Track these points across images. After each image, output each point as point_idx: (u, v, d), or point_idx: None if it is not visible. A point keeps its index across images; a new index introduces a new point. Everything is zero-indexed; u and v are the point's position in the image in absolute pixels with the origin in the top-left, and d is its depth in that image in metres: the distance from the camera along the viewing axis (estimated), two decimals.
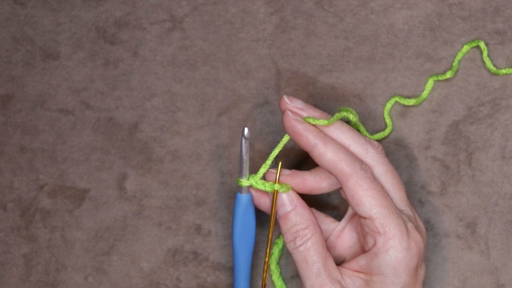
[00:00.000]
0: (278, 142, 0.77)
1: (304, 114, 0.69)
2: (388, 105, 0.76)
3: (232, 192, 0.75)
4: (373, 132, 0.77)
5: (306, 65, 0.78)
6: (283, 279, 0.76)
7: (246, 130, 0.67)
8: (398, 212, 0.67)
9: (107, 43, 0.79)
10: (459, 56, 0.76)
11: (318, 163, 0.68)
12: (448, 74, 0.76)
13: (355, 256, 0.70)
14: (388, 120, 0.76)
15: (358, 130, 0.73)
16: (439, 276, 0.76)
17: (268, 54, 0.78)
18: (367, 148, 0.69)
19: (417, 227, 0.68)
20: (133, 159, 0.78)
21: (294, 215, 0.69)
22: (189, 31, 0.78)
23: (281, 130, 0.77)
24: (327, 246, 0.72)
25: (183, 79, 0.78)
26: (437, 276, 0.76)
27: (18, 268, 0.77)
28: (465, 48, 0.76)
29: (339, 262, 0.72)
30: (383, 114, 0.76)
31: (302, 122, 0.68)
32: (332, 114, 0.70)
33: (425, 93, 0.76)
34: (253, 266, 0.77)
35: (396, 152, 0.77)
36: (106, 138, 0.78)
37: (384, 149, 0.71)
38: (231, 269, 0.77)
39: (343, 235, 0.72)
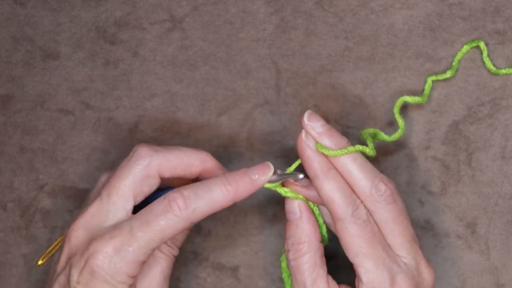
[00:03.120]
0: (278, 142, 0.77)
1: (320, 139, 0.67)
2: (397, 106, 0.75)
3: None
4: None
5: (306, 65, 0.78)
6: None
7: (301, 176, 0.68)
8: (388, 262, 0.65)
9: (107, 43, 0.79)
10: (459, 56, 0.76)
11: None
12: (448, 74, 0.76)
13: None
14: (400, 121, 0.74)
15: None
16: (439, 276, 0.76)
17: (268, 54, 0.78)
18: (371, 190, 0.66)
19: (415, 277, 0.66)
20: None
21: (295, 227, 0.68)
22: (189, 31, 0.78)
23: (281, 130, 0.77)
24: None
25: (183, 79, 0.78)
26: (437, 276, 0.76)
27: (18, 268, 0.77)
28: (465, 48, 0.76)
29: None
30: (394, 115, 0.75)
31: (311, 149, 0.67)
32: (357, 129, 0.68)
33: (426, 92, 0.76)
34: (253, 267, 0.77)
35: (396, 152, 0.77)
36: (106, 138, 0.78)
37: (387, 178, 0.68)
38: (231, 269, 0.77)
39: None
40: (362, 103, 0.77)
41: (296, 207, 0.68)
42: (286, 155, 0.77)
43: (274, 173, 0.68)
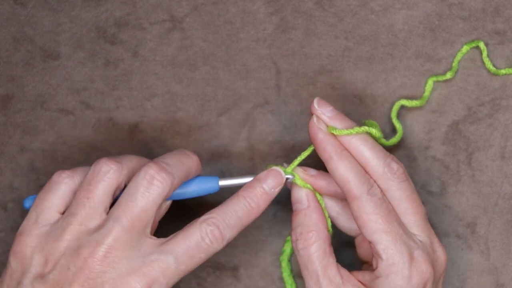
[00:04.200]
0: (278, 142, 0.77)
1: (330, 123, 0.68)
2: (395, 110, 0.75)
3: (232, 192, 0.75)
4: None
5: (306, 65, 0.78)
6: (294, 277, 0.76)
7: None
8: (405, 238, 0.66)
9: (107, 43, 0.79)
10: (459, 56, 0.76)
11: (331, 176, 0.68)
12: (448, 75, 0.76)
13: (370, 264, 0.70)
14: (398, 125, 0.75)
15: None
16: None
17: (268, 54, 0.78)
18: (384, 169, 0.67)
19: (431, 254, 0.67)
20: None
21: (303, 216, 0.69)
22: (189, 31, 0.78)
23: (281, 130, 0.77)
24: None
25: (183, 79, 0.78)
26: None
27: None
28: (465, 48, 0.76)
29: (361, 261, 0.72)
30: (391, 119, 0.75)
31: (323, 132, 0.68)
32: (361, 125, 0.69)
33: (426, 94, 0.76)
34: (253, 267, 0.77)
35: (396, 152, 0.77)
36: (106, 138, 0.78)
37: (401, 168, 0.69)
38: (231, 269, 0.77)
39: (365, 240, 0.71)
40: (362, 103, 0.77)
41: (304, 196, 0.69)
42: (286, 155, 0.77)
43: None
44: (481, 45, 0.76)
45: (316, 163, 0.72)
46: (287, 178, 0.70)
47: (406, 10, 0.77)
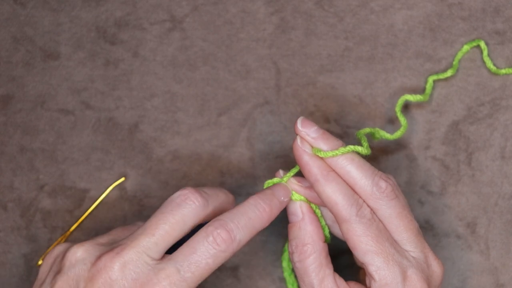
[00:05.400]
0: (278, 142, 0.77)
1: (315, 144, 0.66)
2: (399, 104, 0.75)
3: (231, 192, 0.75)
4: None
5: (306, 65, 0.78)
6: (295, 276, 0.76)
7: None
8: (397, 257, 0.65)
9: (107, 43, 0.79)
10: (459, 55, 0.76)
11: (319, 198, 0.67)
12: (449, 72, 0.76)
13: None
14: (402, 119, 0.74)
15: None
16: None
17: (268, 54, 0.78)
18: (372, 188, 0.66)
19: (425, 270, 0.66)
20: (133, 159, 0.78)
21: (298, 229, 0.68)
22: (189, 31, 0.78)
23: (281, 130, 0.77)
24: None
25: (183, 79, 0.78)
26: None
27: (18, 268, 0.77)
28: (465, 48, 0.76)
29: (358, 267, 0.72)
30: (396, 113, 0.74)
31: (308, 154, 0.66)
32: (357, 129, 0.68)
33: (428, 91, 0.75)
34: (253, 266, 0.77)
35: (396, 152, 0.77)
36: (106, 138, 0.78)
37: (391, 182, 0.67)
38: (231, 269, 0.77)
39: None
40: (362, 103, 0.77)
41: (298, 209, 0.68)
42: (286, 155, 0.77)
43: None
44: (482, 44, 0.76)
45: None
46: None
47: (406, 10, 0.77)
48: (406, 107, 0.77)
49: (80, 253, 0.65)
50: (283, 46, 0.78)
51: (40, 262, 0.71)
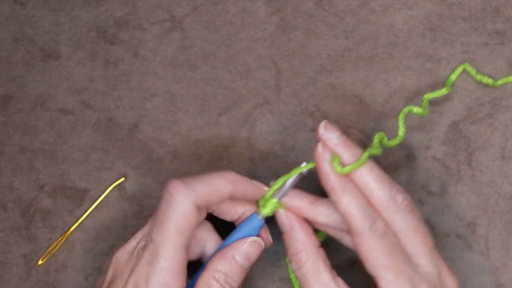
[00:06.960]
0: (278, 142, 0.77)
1: (336, 149, 0.66)
2: (402, 115, 0.74)
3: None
4: (373, 134, 0.76)
5: (306, 65, 0.78)
6: None
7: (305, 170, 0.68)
8: (409, 273, 0.65)
9: (107, 43, 0.79)
10: (451, 79, 0.75)
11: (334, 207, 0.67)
12: (444, 91, 0.75)
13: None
14: (402, 129, 0.73)
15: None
16: None
17: (268, 54, 0.78)
18: (389, 201, 0.65)
19: (437, 286, 0.65)
20: (133, 159, 0.78)
21: (288, 238, 0.68)
22: (189, 31, 0.79)
23: (281, 130, 0.77)
24: None
25: (183, 79, 0.78)
26: None
27: (18, 268, 0.77)
28: (452, 77, 0.75)
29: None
30: (398, 123, 0.74)
31: (328, 162, 0.66)
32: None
33: (425, 107, 0.74)
34: (253, 266, 0.77)
35: (396, 152, 0.77)
36: (106, 138, 0.78)
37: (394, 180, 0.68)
38: None
39: None
40: (362, 103, 0.77)
41: (284, 219, 0.68)
42: (286, 155, 0.77)
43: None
44: (467, 67, 0.75)
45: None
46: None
47: (406, 10, 0.77)
48: (406, 105, 0.77)
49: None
50: (283, 46, 0.78)
51: (40, 263, 0.71)
